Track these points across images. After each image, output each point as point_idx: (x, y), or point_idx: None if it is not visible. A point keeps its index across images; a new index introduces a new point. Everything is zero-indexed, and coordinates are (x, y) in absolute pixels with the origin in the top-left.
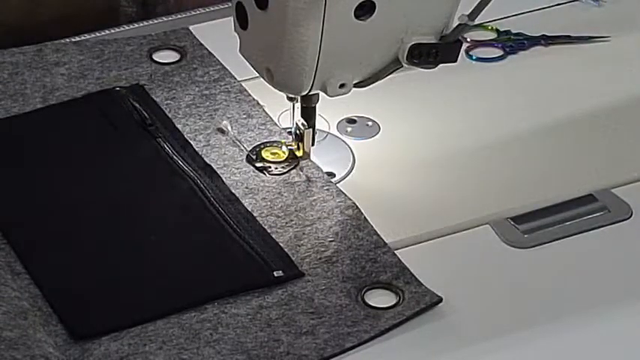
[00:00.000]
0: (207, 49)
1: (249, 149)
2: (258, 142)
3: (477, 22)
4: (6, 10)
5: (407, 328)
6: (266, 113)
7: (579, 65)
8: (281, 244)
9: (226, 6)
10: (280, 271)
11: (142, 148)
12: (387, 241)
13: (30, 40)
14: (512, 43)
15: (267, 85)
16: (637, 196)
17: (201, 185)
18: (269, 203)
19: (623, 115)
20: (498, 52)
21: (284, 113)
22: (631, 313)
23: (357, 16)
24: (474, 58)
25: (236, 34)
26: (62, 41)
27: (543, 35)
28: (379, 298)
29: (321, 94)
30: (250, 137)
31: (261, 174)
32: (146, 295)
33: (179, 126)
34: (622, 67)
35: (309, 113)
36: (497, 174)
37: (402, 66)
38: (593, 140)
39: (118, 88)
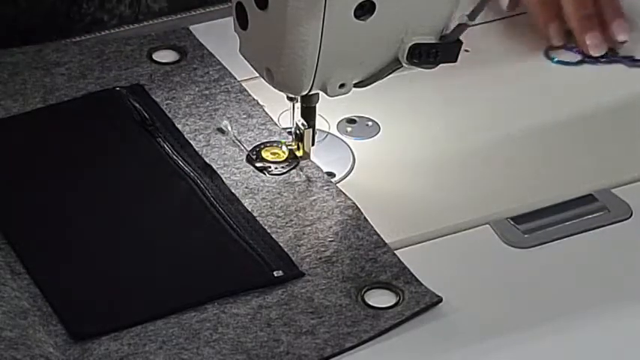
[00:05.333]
0: (207, 49)
1: (249, 149)
2: (258, 142)
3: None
4: None
5: (407, 328)
6: (266, 113)
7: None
8: (281, 244)
9: (226, 6)
10: (280, 271)
11: (142, 148)
12: (386, 241)
13: None
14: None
15: (267, 85)
16: (637, 196)
17: (201, 185)
18: (269, 203)
19: (623, 115)
20: (577, 58)
21: (284, 113)
22: (631, 313)
23: (357, 16)
24: (554, 60)
25: (236, 34)
26: (62, 41)
27: None
28: (379, 298)
29: (321, 94)
30: (250, 137)
31: (261, 174)
32: (146, 295)
33: (179, 126)
34: (622, 67)
35: (309, 113)
36: (497, 174)
37: (402, 66)
38: (593, 140)
39: (118, 88)
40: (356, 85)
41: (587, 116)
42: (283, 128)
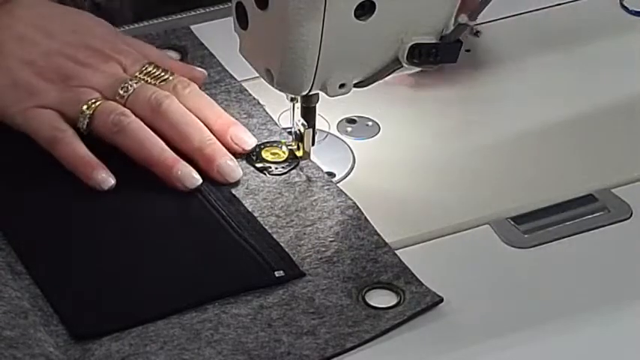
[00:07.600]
0: (207, 49)
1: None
2: (258, 142)
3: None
4: None
5: (408, 328)
6: (266, 113)
7: (579, 65)
8: (282, 244)
9: (226, 6)
10: (281, 271)
11: None
12: (387, 241)
13: None
14: None
15: (268, 85)
16: (637, 196)
17: (202, 185)
18: (269, 203)
19: (623, 115)
20: None
21: (284, 113)
22: (631, 313)
23: (357, 16)
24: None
25: (236, 34)
26: None
27: None
28: (380, 298)
29: (321, 94)
30: None
31: (262, 174)
32: (147, 295)
33: None
34: (622, 67)
35: (309, 113)
36: (497, 174)
37: (402, 66)
38: (593, 140)
39: None
40: (356, 85)
41: (587, 116)
42: (283, 128)
